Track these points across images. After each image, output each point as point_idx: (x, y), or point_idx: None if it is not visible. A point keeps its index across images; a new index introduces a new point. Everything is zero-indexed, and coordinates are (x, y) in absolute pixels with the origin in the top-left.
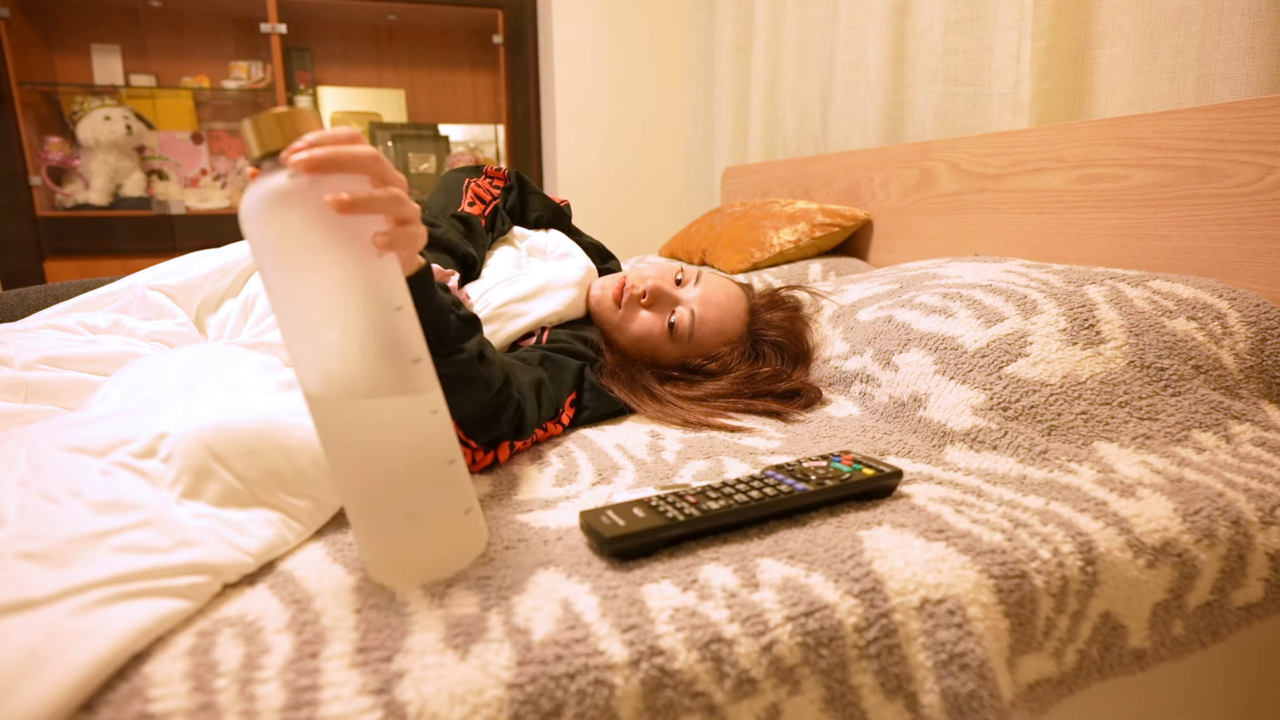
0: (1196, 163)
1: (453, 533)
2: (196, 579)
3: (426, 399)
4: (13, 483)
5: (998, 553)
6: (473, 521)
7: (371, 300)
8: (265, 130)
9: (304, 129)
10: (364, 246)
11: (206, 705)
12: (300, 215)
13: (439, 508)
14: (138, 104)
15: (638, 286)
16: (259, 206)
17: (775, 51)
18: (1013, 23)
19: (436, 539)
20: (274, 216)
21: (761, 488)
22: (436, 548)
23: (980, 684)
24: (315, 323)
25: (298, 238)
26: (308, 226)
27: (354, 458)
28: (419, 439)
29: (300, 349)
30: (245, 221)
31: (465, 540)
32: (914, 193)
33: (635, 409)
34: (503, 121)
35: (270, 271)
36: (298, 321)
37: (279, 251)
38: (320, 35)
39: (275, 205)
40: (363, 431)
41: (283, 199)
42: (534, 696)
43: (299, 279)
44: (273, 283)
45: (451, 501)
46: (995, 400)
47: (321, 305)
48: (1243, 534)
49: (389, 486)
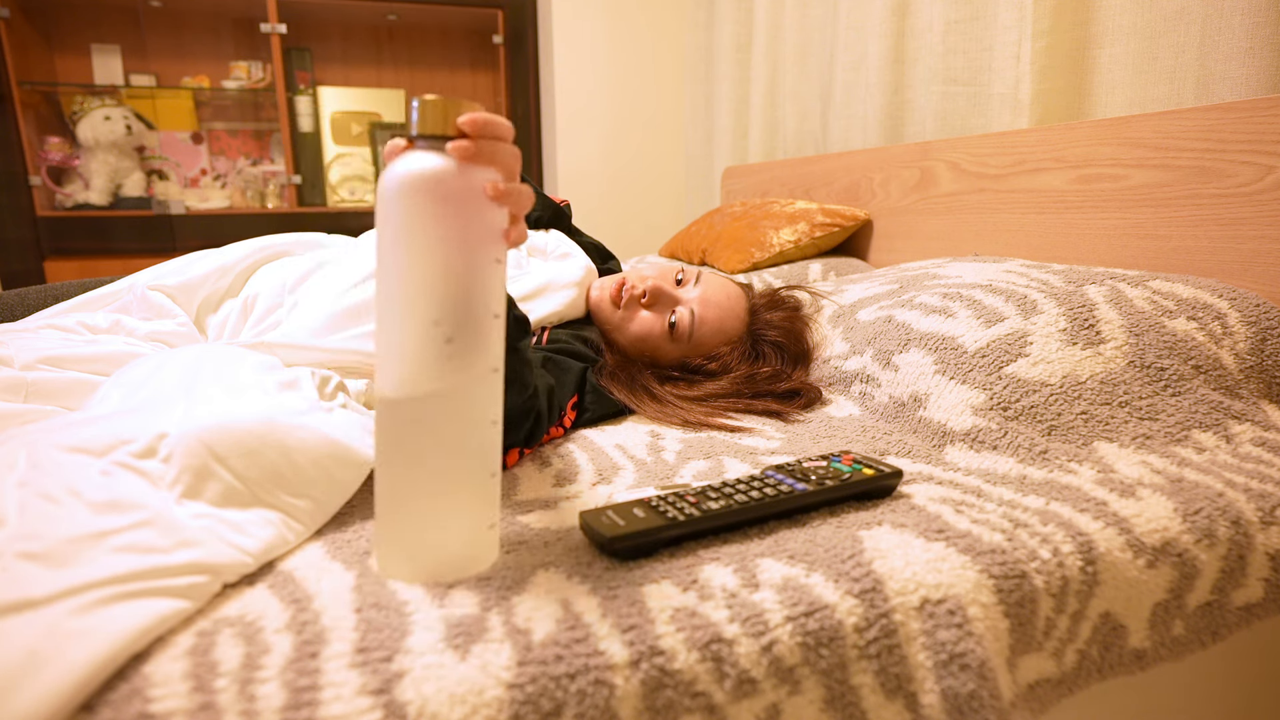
0: (1196, 163)
1: (474, 544)
2: (196, 579)
3: (492, 410)
4: (13, 483)
5: (998, 553)
6: (492, 537)
7: (477, 297)
8: (431, 113)
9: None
10: (486, 237)
11: (206, 705)
12: (445, 195)
13: (470, 517)
14: (138, 104)
15: (638, 286)
16: (408, 181)
17: (775, 51)
18: (1013, 23)
19: (457, 547)
20: (421, 194)
21: (761, 488)
22: (454, 554)
23: (980, 684)
24: (419, 307)
25: (433, 217)
26: (447, 209)
27: (408, 454)
28: (473, 446)
29: (392, 331)
30: (387, 193)
31: (481, 553)
32: (914, 193)
33: (635, 409)
34: None
35: (391, 248)
36: (401, 301)
37: (411, 227)
38: (320, 35)
39: (426, 182)
40: (425, 428)
41: (436, 178)
42: (534, 696)
43: (419, 257)
44: (389, 260)
45: (482, 513)
46: (995, 400)
47: (431, 288)
48: (1243, 534)
49: (431, 488)
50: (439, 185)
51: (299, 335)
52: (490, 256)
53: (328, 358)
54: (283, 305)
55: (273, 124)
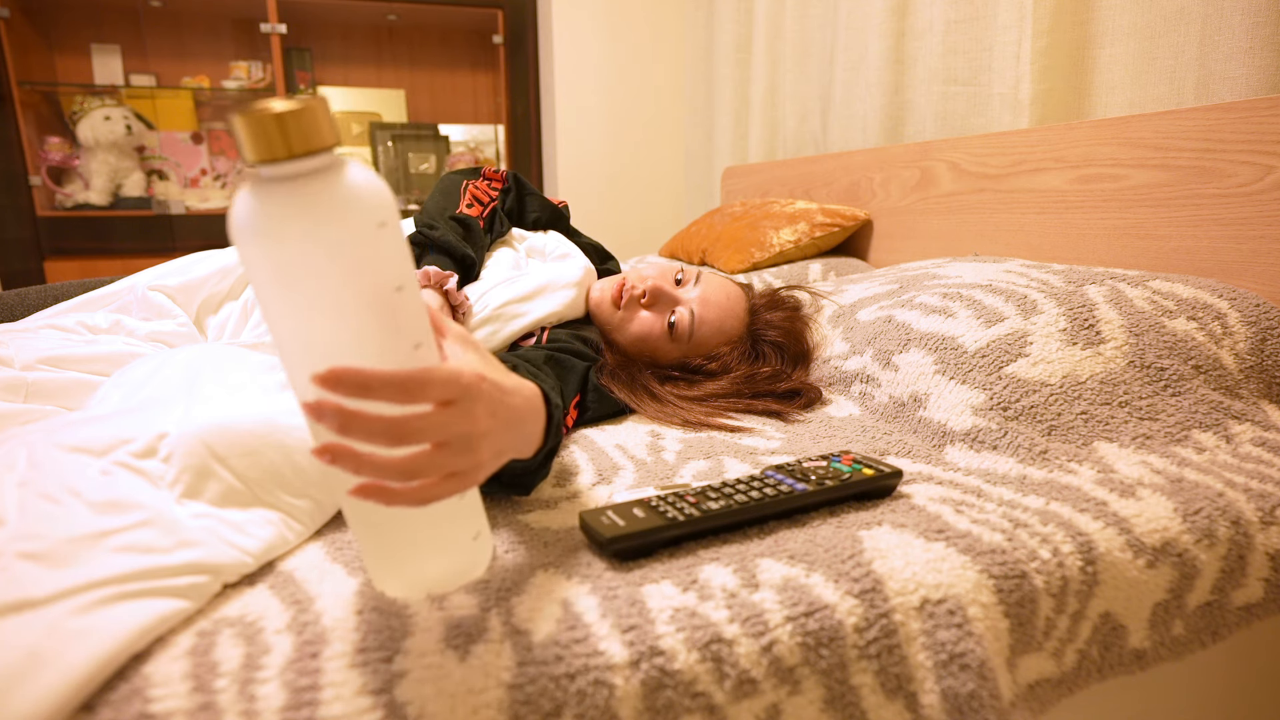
0: (1196, 163)
1: (458, 556)
2: (196, 579)
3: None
4: (13, 483)
5: (998, 553)
6: (480, 546)
7: (378, 310)
8: (261, 132)
9: (312, 134)
10: (377, 280)
11: (206, 705)
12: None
13: (446, 532)
14: (138, 104)
15: (637, 286)
16: (250, 228)
17: (775, 51)
18: (1013, 23)
19: (441, 562)
20: (268, 244)
21: (761, 488)
22: (439, 569)
23: (980, 684)
24: (315, 342)
25: (298, 269)
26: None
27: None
28: None
29: (296, 359)
30: (236, 237)
31: (469, 563)
32: (914, 193)
33: (635, 409)
34: (503, 121)
35: (263, 291)
36: (294, 339)
37: (271, 279)
38: (320, 35)
39: (269, 233)
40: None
41: (277, 226)
42: (534, 697)
43: (296, 305)
44: (266, 307)
45: (460, 526)
46: (995, 400)
47: (323, 329)
48: (1243, 534)
49: (394, 511)
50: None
51: None
52: (382, 292)
53: None
54: None
55: None
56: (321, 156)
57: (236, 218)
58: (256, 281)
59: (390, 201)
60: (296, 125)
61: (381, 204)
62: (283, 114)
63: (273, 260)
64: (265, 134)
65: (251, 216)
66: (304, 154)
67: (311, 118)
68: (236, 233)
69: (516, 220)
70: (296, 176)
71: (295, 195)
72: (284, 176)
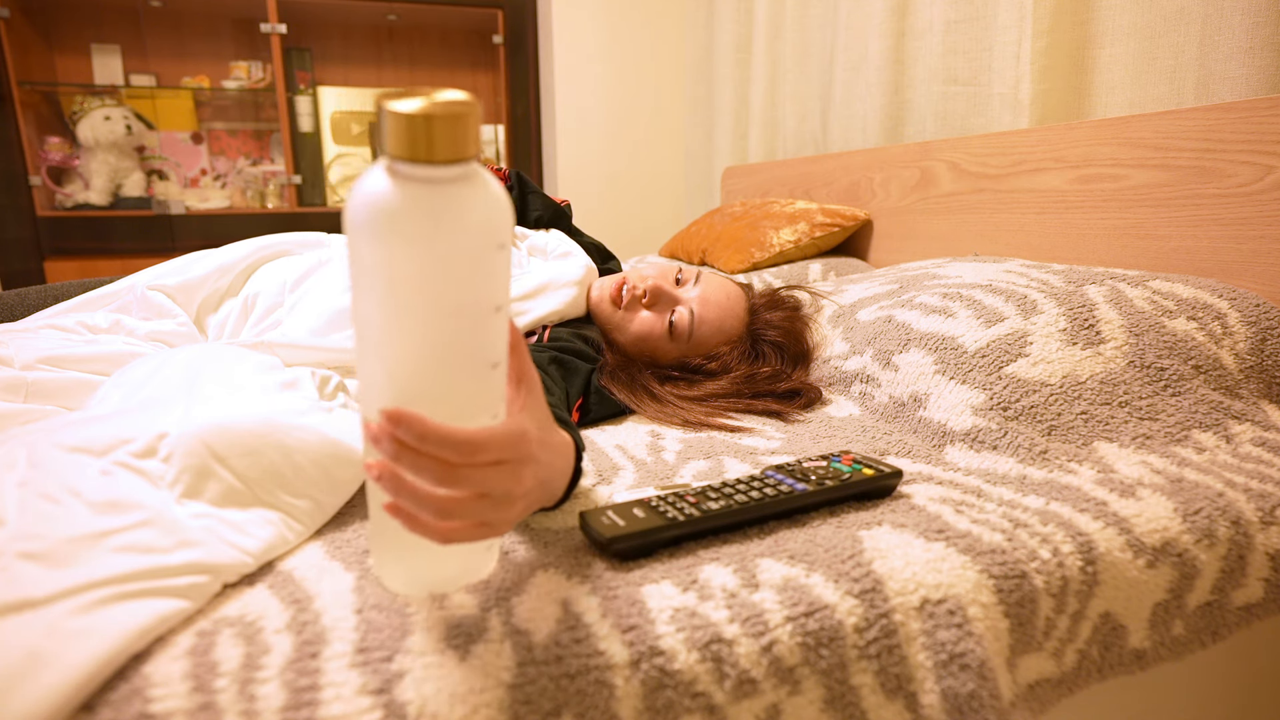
0: (1196, 163)
1: (469, 562)
2: (196, 579)
3: (491, 407)
4: (13, 482)
5: (998, 553)
6: (491, 553)
7: (473, 333)
8: (409, 130)
9: (460, 143)
10: (480, 297)
11: (206, 705)
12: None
13: (466, 546)
14: (138, 104)
15: (638, 286)
16: (374, 221)
17: (775, 51)
18: (1013, 23)
19: (451, 565)
20: (389, 240)
21: (761, 488)
22: (448, 572)
23: (980, 684)
24: (401, 344)
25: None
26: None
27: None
28: None
29: (376, 358)
30: (353, 223)
31: (477, 568)
32: (914, 193)
33: (635, 410)
34: (503, 121)
35: (363, 283)
36: (381, 338)
37: (379, 273)
38: (320, 35)
39: (393, 229)
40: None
41: (405, 225)
42: (534, 697)
43: (395, 304)
44: (364, 297)
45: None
46: (995, 400)
47: (415, 333)
48: (1243, 534)
49: None
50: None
51: (299, 335)
52: (481, 300)
53: (328, 357)
54: (283, 305)
55: (273, 124)
56: (464, 166)
57: (361, 206)
58: (361, 272)
59: (511, 224)
60: (447, 131)
61: (505, 225)
62: (437, 118)
63: (388, 256)
64: (413, 133)
65: (379, 209)
66: (447, 161)
67: (463, 126)
68: (356, 221)
69: (519, 219)
70: (435, 181)
71: (430, 199)
72: (422, 179)
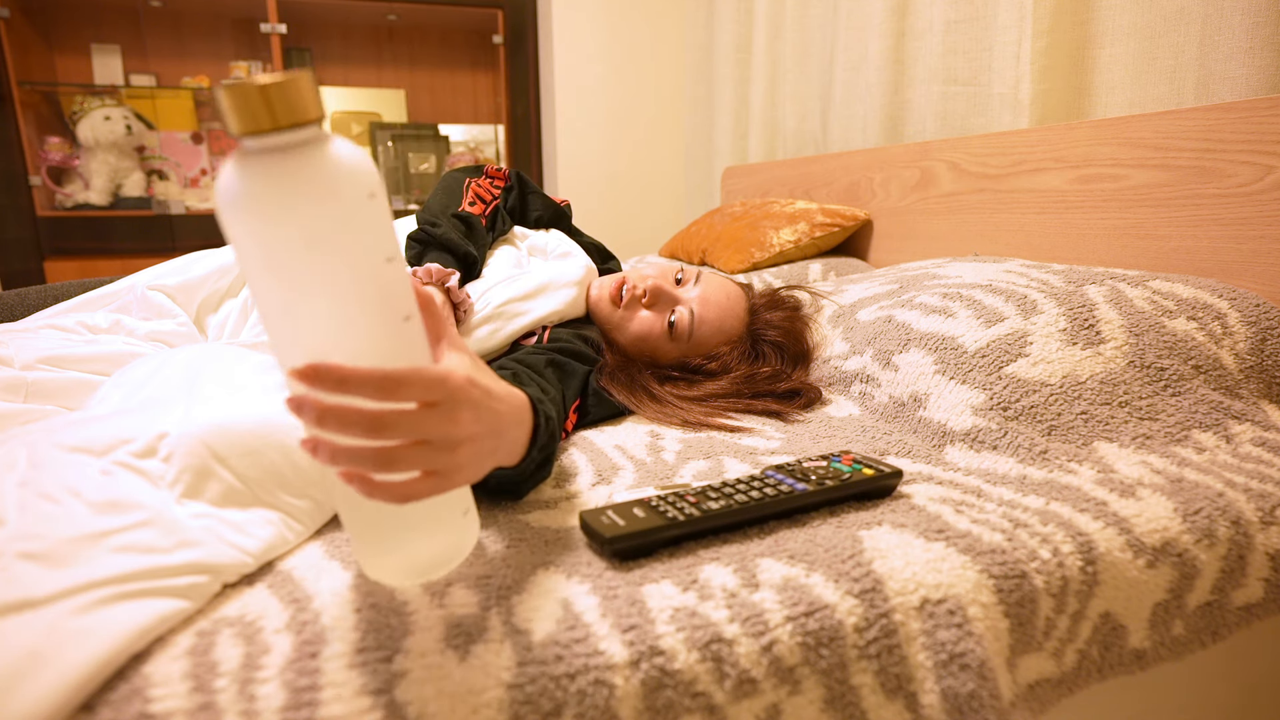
0: (1196, 163)
1: (449, 535)
2: (196, 579)
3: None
4: (13, 482)
5: (998, 553)
6: (470, 522)
7: (374, 287)
8: (245, 104)
9: (297, 106)
10: (367, 251)
11: (206, 705)
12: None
13: (437, 510)
14: (138, 104)
15: (638, 286)
16: (237, 202)
17: (775, 51)
18: (1013, 23)
19: (434, 541)
20: (257, 218)
21: (761, 488)
22: (433, 549)
23: (980, 684)
24: (305, 317)
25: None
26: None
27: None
28: None
29: (287, 338)
30: (223, 212)
31: (459, 542)
32: (914, 193)
33: (635, 410)
34: (503, 121)
35: (247, 266)
36: (284, 316)
37: (261, 252)
38: (320, 35)
39: (257, 206)
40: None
41: (266, 198)
42: (534, 697)
43: (287, 279)
44: (255, 280)
45: (450, 502)
46: (995, 400)
47: (314, 303)
48: (1243, 534)
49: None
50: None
51: None
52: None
53: None
54: None
55: None
56: (308, 129)
57: (223, 192)
58: (245, 256)
59: (376, 173)
60: (281, 97)
61: (369, 175)
62: (267, 86)
63: (262, 233)
64: (249, 106)
65: (238, 190)
66: (290, 126)
67: (296, 90)
68: (224, 208)
69: (519, 218)
70: (284, 149)
71: (283, 167)
72: (271, 149)
